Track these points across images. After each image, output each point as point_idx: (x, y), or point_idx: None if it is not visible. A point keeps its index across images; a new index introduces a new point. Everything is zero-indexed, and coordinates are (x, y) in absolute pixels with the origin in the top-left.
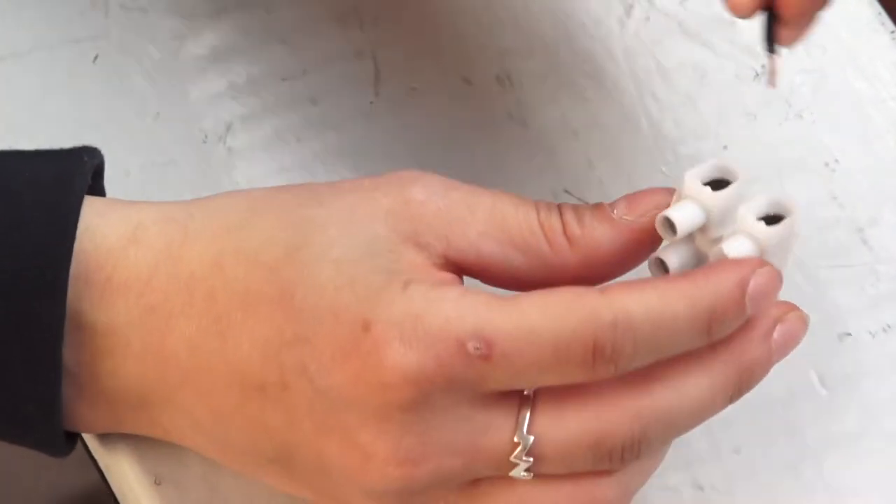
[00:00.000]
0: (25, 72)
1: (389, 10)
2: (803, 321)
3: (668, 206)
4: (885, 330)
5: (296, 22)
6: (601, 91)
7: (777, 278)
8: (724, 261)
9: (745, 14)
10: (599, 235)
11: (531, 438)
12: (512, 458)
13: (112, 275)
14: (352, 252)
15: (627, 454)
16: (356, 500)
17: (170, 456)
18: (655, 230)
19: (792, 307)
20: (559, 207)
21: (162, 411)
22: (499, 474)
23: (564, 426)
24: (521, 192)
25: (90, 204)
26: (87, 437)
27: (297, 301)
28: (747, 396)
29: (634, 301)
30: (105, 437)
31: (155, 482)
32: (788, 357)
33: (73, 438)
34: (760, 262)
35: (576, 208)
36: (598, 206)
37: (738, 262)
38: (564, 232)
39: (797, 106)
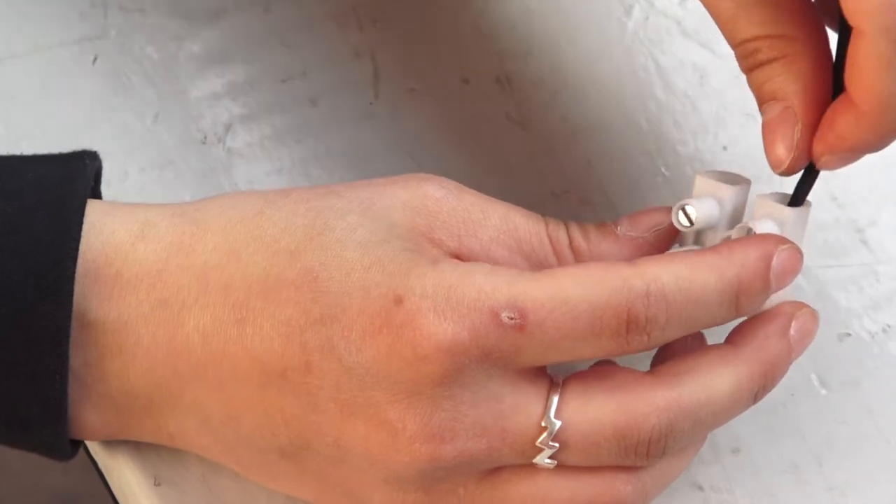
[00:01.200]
0: (25, 73)
1: (388, 11)
2: (815, 318)
3: (669, 223)
4: (884, 330)
5: (295, 23)
6: (601, 91)
7: (799, 257)
8: (748, 236)
9: (786, 172)
10: (605, 249)
11: (558, 424)
12: (538, 443)
13: (121, 270)
14: (375, 235)
15: (652, 448)
16: (373, 489)
17: (169, 457)
18: (658, 245)
19: (803, 305)
20: (566, 224)
21: (169, 412)
22: (521, 461)
23: (592, 414)
24: (521, 193)
25: (94, 205)
26: None
27: (322, 283)
28: None
29: (666, 271)
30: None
31: (154, 483)
32: None
33: (77, 442)
34: (783, 239)
35: (582, 225)
36: (602, 224)
37: (761, 237)
38: (570, 245)
39: None
